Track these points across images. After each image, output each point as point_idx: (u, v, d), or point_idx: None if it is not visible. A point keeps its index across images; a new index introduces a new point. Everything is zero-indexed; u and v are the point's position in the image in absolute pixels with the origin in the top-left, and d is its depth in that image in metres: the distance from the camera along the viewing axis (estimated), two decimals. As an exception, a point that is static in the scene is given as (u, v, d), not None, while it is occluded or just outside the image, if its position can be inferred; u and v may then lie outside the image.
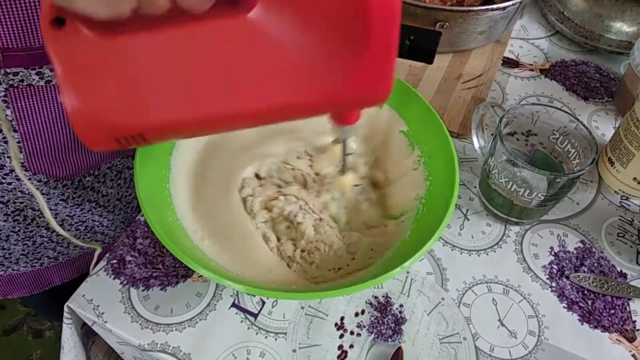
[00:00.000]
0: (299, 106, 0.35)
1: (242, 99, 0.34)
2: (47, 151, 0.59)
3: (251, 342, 0.52)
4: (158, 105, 0.34)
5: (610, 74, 0.79)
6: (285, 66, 0.33)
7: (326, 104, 0.36)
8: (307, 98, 0.35)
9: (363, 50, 0.33)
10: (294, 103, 0.35)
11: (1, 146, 0.55)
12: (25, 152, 0.57)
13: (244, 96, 0.34)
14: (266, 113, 0.35)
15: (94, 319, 0.52)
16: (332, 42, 0.33)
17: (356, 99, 0.36)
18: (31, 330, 1.48)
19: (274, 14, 0.32)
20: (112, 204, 0.73)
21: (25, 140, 0.56)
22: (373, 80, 0.35)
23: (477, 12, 0.67)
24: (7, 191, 0.60)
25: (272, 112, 0.35)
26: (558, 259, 0.59)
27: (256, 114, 0.35)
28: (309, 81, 0.34)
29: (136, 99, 0.33)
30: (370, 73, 0.34)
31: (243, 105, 0.34)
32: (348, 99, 0.36)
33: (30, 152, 0.57)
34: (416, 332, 0.53)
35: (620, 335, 0.54)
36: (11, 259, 0.70)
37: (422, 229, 0.51)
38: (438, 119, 0.55)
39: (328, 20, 0.32)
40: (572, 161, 0.58)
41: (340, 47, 0.33)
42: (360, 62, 0.33)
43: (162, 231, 0.46)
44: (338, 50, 0.33)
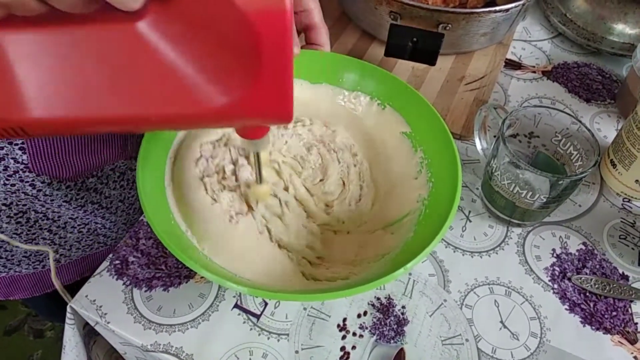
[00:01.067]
0: (184, 118, 0.35)
1: (120, 105, 0.34)
2: (52, 152, 0.59)
3: (254, 343, 0.52)
4: (35, 101, 0.33)
5: (612, 76, 0.79)
6: (169, 78, 0.33)
7: (216, 119, 0.36)
8: (192, 111, 0.34)
9: (254, 73, 0.33)
10: (178, 115, 0.35)
11: (6, 147, 0.55)
12: (30, 153, 0.57)
13: (123, 102, 0.33)
14: (148, 120, 0.35)
15: (97, 319, 0.53)
16: (223, 61, 0.33)
17: (251, 117, 0.36)
18: (32, 330, 1.48)
19: (163, 27, 0.31)
20: (114, 206, 0.73)
21: (29, 141, 0.56)
22: (268, 101, 0.34)
23: (480, 14, 0.67)
24: (10, 192, 0.60)
25: (155, 120, 0.35)
26: (560, 260, 0.59)
27: (136, 120, 0.35)
28: (195, 96, 0.33)
29: (12, 94, 0.32)
30: (266, 95, 0.34)
31: (121, 110, 0.34)
32: (241, 116, 0.36)
33: (35, 153, 0.58)
34: (418, 333, 0.53)
35: (622, 337, 0.54)
36: (13, 261, 0.70)
37: (424, 230, 0.51)
38: (441, 120, 0.55)
39: (217, 41, 0.32)
40: (574, 163, 0.58)
41: (232, 66, 0.33)
42: (253, 84, 0.33)
43: (164, 233, 0.46)
44: (229, 69, 0.33)
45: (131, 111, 0.34)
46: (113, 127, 0.37)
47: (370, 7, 0.71)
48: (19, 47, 0.31)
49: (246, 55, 0.32)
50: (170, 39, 0.32)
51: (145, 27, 0.31)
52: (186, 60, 0.32)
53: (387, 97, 0.61)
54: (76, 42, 0.32)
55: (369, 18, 0.74)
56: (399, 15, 0.68)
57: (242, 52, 0.32)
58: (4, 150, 0.56)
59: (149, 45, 0.32)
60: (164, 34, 0.32)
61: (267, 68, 0.32)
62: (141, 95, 0.33)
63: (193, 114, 0.34)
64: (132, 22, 0.31)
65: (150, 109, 0.34)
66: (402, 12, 0.68)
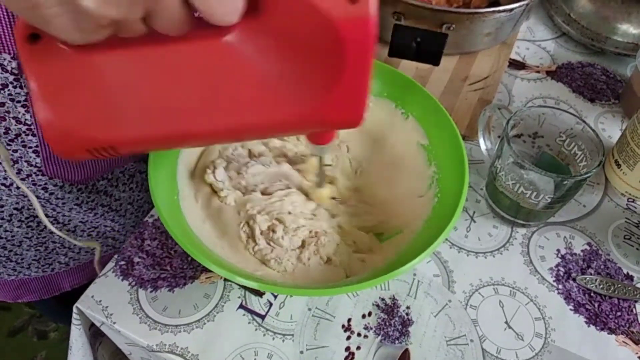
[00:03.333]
0: (270, 127, 0.36)
1: (211, 119, 0.35)
2: None
3: (259, 343, 0.52)
4: (129, 120, 0.34)
5: (616, 75, 0.79)
6: (257, 89, 0.34)
7: (299, 126, 0.37)
8: (278, 120, 0.35)
9: (337, 79, 0.34)
10: (265, 124, 0.36)
11: (20, 150, 0.55)
12: (43, 157, 0.57)
13: (213, 116, 0.35)
14: (235, 132, 0.36)
15: (103, 320, 0.53)
16: (307, 71, 0.34)
17: (329, 123, 0.37)
18: (36, 331, 1.49)
19: (249, 40, 0.32)
20: (124, 208, 0.73)
21: (43, 144, 0.56)
22: (346, 107, 0.35)
23: (484, 14, 0.67)
24: (22, 196, 0.61)
25: (241, 131, 0.36)
26: (565, 261, 0.59)
27: (225, 133, 0.36)
28: (281, 105, 0.35)
29: (108, 114, 0.34)
30: (344, 100, 0.35)
31: (212, 124, 0.35)
32: (321, 122, 0.37)
33: (48, 156, 0.58)
34: (423, 334, 0.53)
35: (627, 338, 0.54)
36: (23, 264, 0.71)
37: (429, 230, 0.51)
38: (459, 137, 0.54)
39: (303, 50, 0.33)
40: (578, 163, 0.58)
41: (315, 75, 0.34)
42: (334, 90, 0.34)
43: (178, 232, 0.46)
44: (312, 78, 0.34)
45: (221, 123, 0.35)
46: (201, 141, 0.39)
47: (374, 7, 0.70)
48: (113, 68, 0.32)
49: (330, 62, 0.33)
50: (258, 50, 0.33)
51: (235, 40, 0.32)
52: (274, 70, 0.33)
53: (411, 107, 0.60)
54: (168, 61, 0.33)
55: (372, 19, 0.74)
56: (403, 16, 0.68)
57: (327, 59, 0.33)
58: (17, 153, 0.56)
59: (237, 58, 0.33)
60: (252, 45, 0.32)
61: (349, 74, 0.33)
62: (230, 107, 0.35)
63: (279, 122, 0.36)
64: (222, 37, 0.32)
65: (239, 119, 0.35)
66: (405, 12, 0.68)
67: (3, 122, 0.52)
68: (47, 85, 0.32)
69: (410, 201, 0.56)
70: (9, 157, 0.55)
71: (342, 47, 0.32)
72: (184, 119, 0.35)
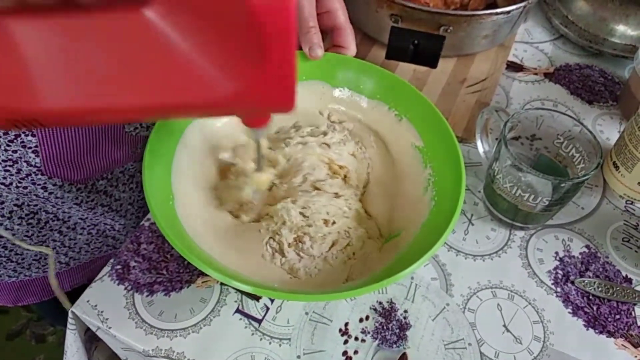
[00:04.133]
0: (191, 106, 0.36)
1: (130, 94, 0.34)
2: (63, 155, 0.59)
3: (255, 347, 0.52)
4: (47, 91, 0.33)
5: (614, 77, 0.79)
6: (177, 67, 0.34)
7: (221, 108, 0.37)
8: (199, 100, 0.35)
9: (258, 62, 0.33)
10: (185, 103, 0.35)
11: (19, 150, 0.55)
12: (43, 156, 0.57)
13: (132, 91, 0.34)
14: (157, 109, 0.36)
15: (98, 324, 0.52)
16: (228, 51, 0.33)
17: (256, 106, 0.37)
18: (34, 335, 1.48)
19: (170, 14, 0.32)
20: (124, 208, 0.73)
21: (42, 144, 0.56)
22: (272, 90, 0.35)
23: (481, 17, 0.67)
24: (22, 194, 0.61)
25: (164, 109, 0.36)
26: (563, 264, 0.59)
27: (147, 109, 0.36)
28: (202, 85, 0.34)
29: (23, 84, 0.33)
30: (269, 83, 0.35)
31: (131, 100, 0.34)
32: (246, 105, 0.37)
33: (47, 155, 0.58)
34: (421, 337, 0.53)
35: (626, 341, 0.54)
36: (23, 264, 0.70)
37: (427, 234, 0.50)
38: (454, 139, 0.54)
39: (224, 30, 0.33)
40: (576, 165, 0.57)
41: (237, 56, 0.34)
42: (256, 72, 0.34)
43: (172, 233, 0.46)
44: (234, 59, 0.34)
45: (140, 100, 0.34)
46: (123, 116, 0.37)
47: (371, 10, 0.70)
48: (30, 36, 0.31)
49: (251, 45, 0.33)
50: (177, 27, 0.32)
51: (153, 15, 0.31)
52: (193, 49, 0.33)
53: (405, 109, 0.60)
54: (86, 31, 0.32)
55: (370, 21, 0.74)
56: (400, 18, 0.68)
57: (248, 42, 0.33)
58: (17, 154, 0.56)
59: (157, 33, 0.32)
60: (172, 21, 0.32)
61: (271, 58, 0.33)
62: (150, 84, 0.34)
63: (200, 103, 0.35)
64: (140, 9, 0.31)
65: (158, 97, 0.35)
66: (403, 15, 0.67)
67: None
68: None
69: (407, 204, 0.56)
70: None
71: (261, 30, 0.32)
72: (102, 93, 0.34)
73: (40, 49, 0.32)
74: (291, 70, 0.34)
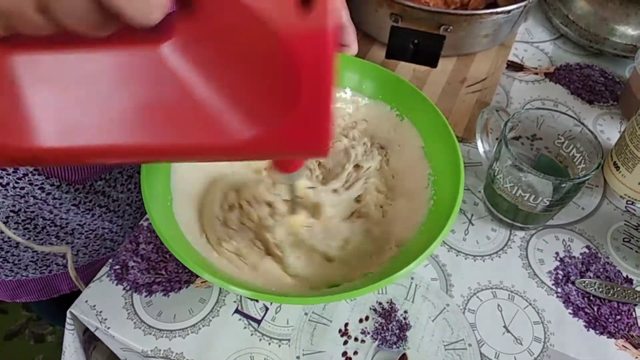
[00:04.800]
0: (212, 150, 0.32)
1: (141, 134, 0.31)
2: None
3: (255, 348, 0.52)
4: (49, 129, 0.30)
5: (615, 77, 0.79)
6: (196, 106, 0.30)
7: (247, 152, 0.33)
8: (220, 143, 0.32)
9: (290, 102, 0.30)
10: (205, 147, 0.32)
11: None
12: None
13: (144, 131, 0.31)
14: (171, 152, 0.32)
15: (97, 325, 0.52)
16: (255, 89, 0.30)
17: (285, 150, 0.33)
18: (33, 335, 1.48)
19: (190, 50, 0.29)
20: (121, 209, 0.73)
21: None
22: (305, 134, 0.31)
23: (481, 16, 0.67)
24: (19, 197, 0.60)
25: (180, 152, 0.32)
26: (563, 264, 0.59)
27: (159, 152, 0.32)
28: (224, 126, 0.31)
29: (25, 121, 0.30)
30: (301, 126, 0.31)
31: (142, 140, 0.31)
32: (274, 149, 0.33)
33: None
34: (421, 338, 0.53)
35: (626, 342, 0.54)
36: (20, 265, 0.70)
37: (426, 233, 0.50)
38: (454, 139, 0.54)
39: (251, 66, 0.29)
40: (577, 166, 0.57)
41: (265, 95, 0.30)
42: (289, 116, 0.30)
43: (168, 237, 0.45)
44: (261, 98, 0.30)
45: (154, 141, 0.31)
46: (134, 158, 0.34)
47: (371, 9, 0.70)
48: (30, 71, 0.29)
49: (282, 83, 0.29)
50: (198, 63, 0.29)
51: (171, 51, 0.29)
52: (216, 87, 0.30)
53: (406, 109, 0.60)
54: (93, 67, 0.29)
55: (369, 20, 0.74)
56: (400, 17, 0.68)
57: (278, 79, 0.29)
58: None
59: (175, 70, 0.29)
60: (192, 57, 0.29)
61: (305, 97, 0.29)
62: (165, 125, 0.31)
63: (222, 146, 0.32)
64: (156, 45, 0.28)
65: (175, 139, 0.31)
66: (403, 14, 0.67)
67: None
68: None
69: (406, 203, 0.56)
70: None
71: (293, 65, 0.28)
72: (110, 132, 0.30)
73: (42, 84, 0.29)
74: (328, 110, 0.30)
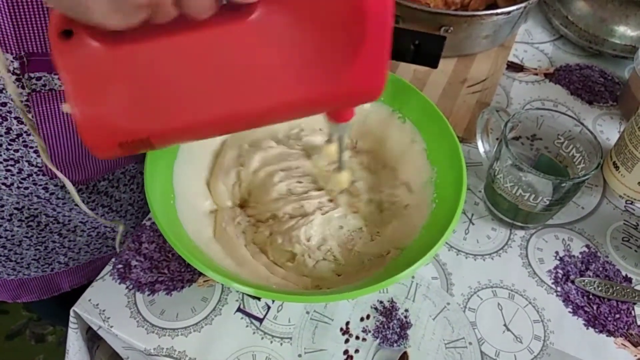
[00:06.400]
0: (300, 104, 0.37)
1: (244, 101, 0.35)
2: (65, 155, 0.59)
3: (257, 346, 0.52)
4: (164, 109, 0.35)
5: (614, 78, 0.79)
6: (285, 66, 0.35)
7: (325, 101, 0.38)
8: (307, 96, 0.36)
9: (358, 49, 0.34)
10: (295, 101, 0.36)
11: (21, 150, 0.56)
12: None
13: (246, 98, 0.35)
14: (267, 113, 0.37)
15: (100, 323, 0.52)
16: (329, 42, 0.34)
17: (352, 95, 0.38)
18: (33, 335, 1.48)
19: (273, 18, 0.33)
20: (124, 209, 0.73)
21: (44, 144, 0.56)
22: (368, 78, 0.36)
23: (482, 17, 0.67)
24: (23, 196, 0.61)
25: (274, 111, 0.37)
26: (563, 263, 0.59)
27: (258, 115, 0.37)
28: (308, 80, 0.36)
29: (142, 104, 0.34)
30: (366, 71, 0.35)
31: (245, 106, 0.36)
32: (345, 96, 0.38)
33: (49, 156, 0.58)
34: (422, 336, 0.53)
35: (626, 340, 0.54)
36: (22, 264, 0.70)
37: (428, 234, 0.51)
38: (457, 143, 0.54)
39: (325, 21, 0.34)
40: (577, 165, 0.58)
41: (337, 46, 0.35)
42: (356, 60, 0.35)
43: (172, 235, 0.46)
44: (335, 49, 0.35)
45: (253, 105, 0.36)
46: (235, 126, 0.39)
47: (372, 10, 0.70)
48: (144, 59, 0.33)
49: (351, 34, 0.34)
50: (282, 28, 0.34)
51: (258, 20, 0.33)
52: (299, 45, 0.34)
53: (409, 112, 0.60)
54: (197, 47, 0.33)
55: (370, 21, 0.74)
56: (401, 18, 0.68)
57: (348, 32, 0.34)
58: (19, 153, 0.56)
59: (264, 36, 0.33)
60: (276, 22, 0.33)
61: (369, 46, 0.34)
62: (260, 89, 0.35)
63: (306, 100, 0.36)
64: (246, 18, 0.33)
65: (269, 100, 0.36)
66: (403, 15, 0.67)
67: (4, 122, 0.53)
68: (80, 79, 0.33)
69: (409, 205, 0.56)
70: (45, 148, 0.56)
71: (363, 18, 0.33)
72: (215, 104, 0.35)
73: (156, 69, 0.33)
74: (387, 55, 0.35)
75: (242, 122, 0.38)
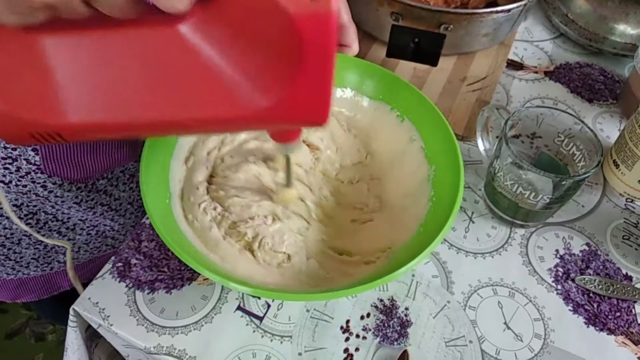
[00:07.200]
0: (225, 121, 0.35)
1: (160, 110, 0.34)
2: (63, 154, 0.59)
3: (257, 345, 0.52)
4: (74, 106, 0.33)
5: (614, 76, 0.79)
6: (212, 81, 0.33)
7: (255, 122, 0.36)
8: (233, 114, 0.34)
9: (295, 76, 0.33)
10: (219, 118, 0.35)
11: (19, 148, 0.55)
12: (42, 155, 0.57)
13: (163, 107, 0.33)
14: (188, 124, 0.35)
15: (100, 322, 0.52)
16: (265, 63, 0.33)
17: (289, 119, 0.36)
18: (33, 333, 1.48)
19: (206, 29, 0.32)
20: (123, 208, 0.73)
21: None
22: (308, 103, 0.34)
23: (481, 15, 0.67)
24: (21, 194, 0.60)
25: (195, 124, 0.35)
26: (563, 261, 0.59)
27: (177, 124, 0.35)
28: (237, 99, 0.34)
29: (51, 98, 0.33)
30: (305, 95, 0.34)
31: (161, 115, 0.34)
32: (280, 119, 0.35)
33: (47, 154, 0.58)
34: (422, 335, 0.53)
35: (626, 338, 0.54)
36: (22, 263, 0.70)
37: (426, 231, 0.50)
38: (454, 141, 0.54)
39: (261, 42, 0.32)
40: (577, 163, 0.57)
41: (272, 70, 0.33)
42: (292, 86, 0.33)
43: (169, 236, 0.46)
44: (269, 73, 0.33)
45: (171, 115, 0.34)
46: (151, 131, 0.37)
47: (372, 8, 0.70)
48: (60, 51, 0.31)
49: (288, 57, 0.32)
50: (212, 41, 0.32)
51: (188, 30, 0.31)
52: (229, 62, 0.33)
53: (407, 110, 0.60)
54: (118, 46, 0.32)
55: (370, 19, 0.74)
56: (401, 16, 0.68)
57: (284, 54, 0.32)
58: (17, 152, 0.56)
59: (192, 47, 0.32)
60: (207, 36, 0.32)
61: (308, 70, 0.32)
62: (182, 99, 0.33)
63: (234, 117, 0.34)
64: (175, 25, 0.31)
65: (191, 112, 0.34)
66: (403, 13, 0.67)
67: None
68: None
69: (407, 202, 0.56)
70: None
71: (300, 43, 0.31)
72: (131, 108, 0.33)
73: (71, 63, 0.32)
74: (328, 82, 0.33)
75: (160, 130, 0.36)
